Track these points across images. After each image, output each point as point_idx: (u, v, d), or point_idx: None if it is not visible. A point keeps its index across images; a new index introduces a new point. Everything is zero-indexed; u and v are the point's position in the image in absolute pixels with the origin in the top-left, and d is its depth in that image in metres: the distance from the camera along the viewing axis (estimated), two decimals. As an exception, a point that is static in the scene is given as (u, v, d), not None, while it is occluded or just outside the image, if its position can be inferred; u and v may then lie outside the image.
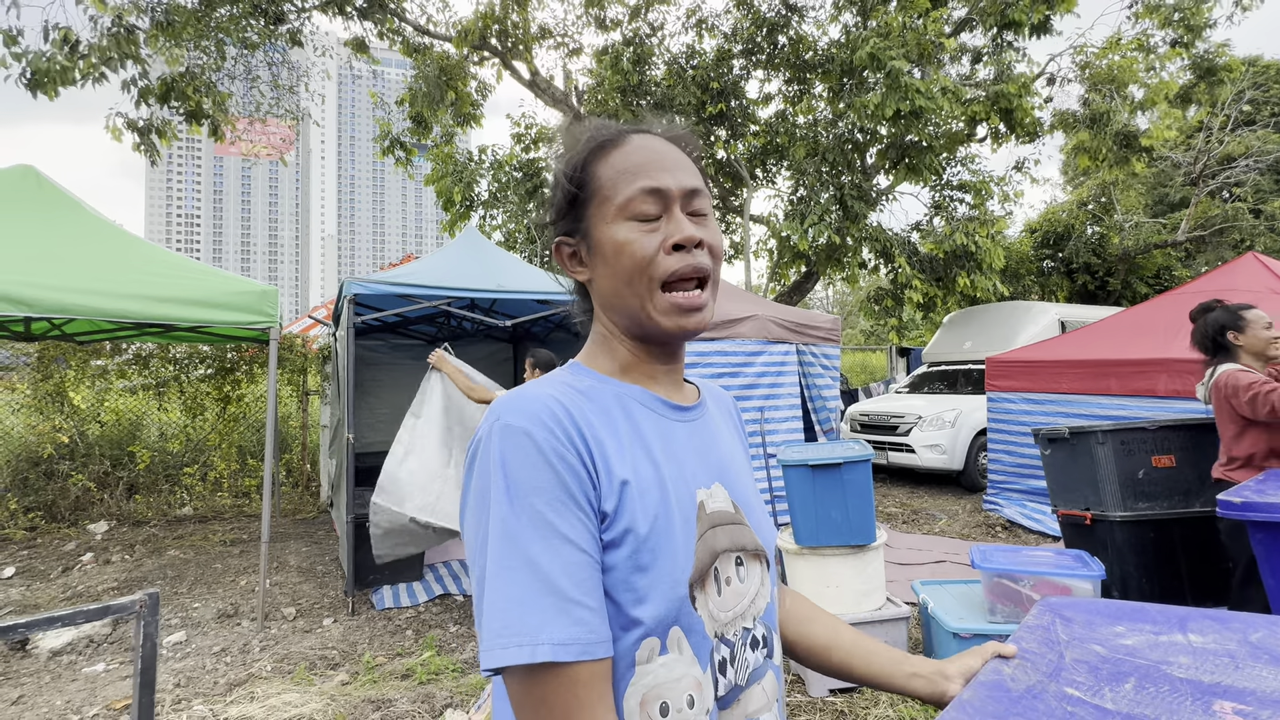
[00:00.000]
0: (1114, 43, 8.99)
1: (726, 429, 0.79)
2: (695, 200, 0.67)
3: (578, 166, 0.68)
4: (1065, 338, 5.89)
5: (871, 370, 17.42)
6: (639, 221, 0.65)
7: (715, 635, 0.63)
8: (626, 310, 0.67)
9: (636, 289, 0.65)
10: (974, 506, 6.30)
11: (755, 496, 0.75)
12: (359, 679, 2.99)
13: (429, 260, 4.93)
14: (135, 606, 0.95)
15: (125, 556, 4.99)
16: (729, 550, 0.66)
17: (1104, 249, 14.33)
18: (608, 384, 0.67)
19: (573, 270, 0.72)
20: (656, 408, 0.68)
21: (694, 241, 0.65)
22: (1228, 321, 2.64)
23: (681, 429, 0.69)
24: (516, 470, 0.56)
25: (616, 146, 0.68)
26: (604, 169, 0.67)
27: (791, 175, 9.82)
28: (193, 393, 6.83)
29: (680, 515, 0.62)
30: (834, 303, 29.82)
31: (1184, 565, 3.00)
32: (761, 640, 0.69)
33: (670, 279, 0.64)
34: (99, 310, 3.25)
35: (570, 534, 0.55)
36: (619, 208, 0.65)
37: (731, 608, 0.65)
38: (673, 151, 0.69)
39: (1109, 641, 0.78)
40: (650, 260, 0.64)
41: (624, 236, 0.65)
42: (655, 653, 0.59)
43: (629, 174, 0.66)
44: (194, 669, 3.13)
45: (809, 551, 2.90)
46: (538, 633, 0.52)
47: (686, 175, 0.67)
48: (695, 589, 0.61)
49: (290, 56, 9.38)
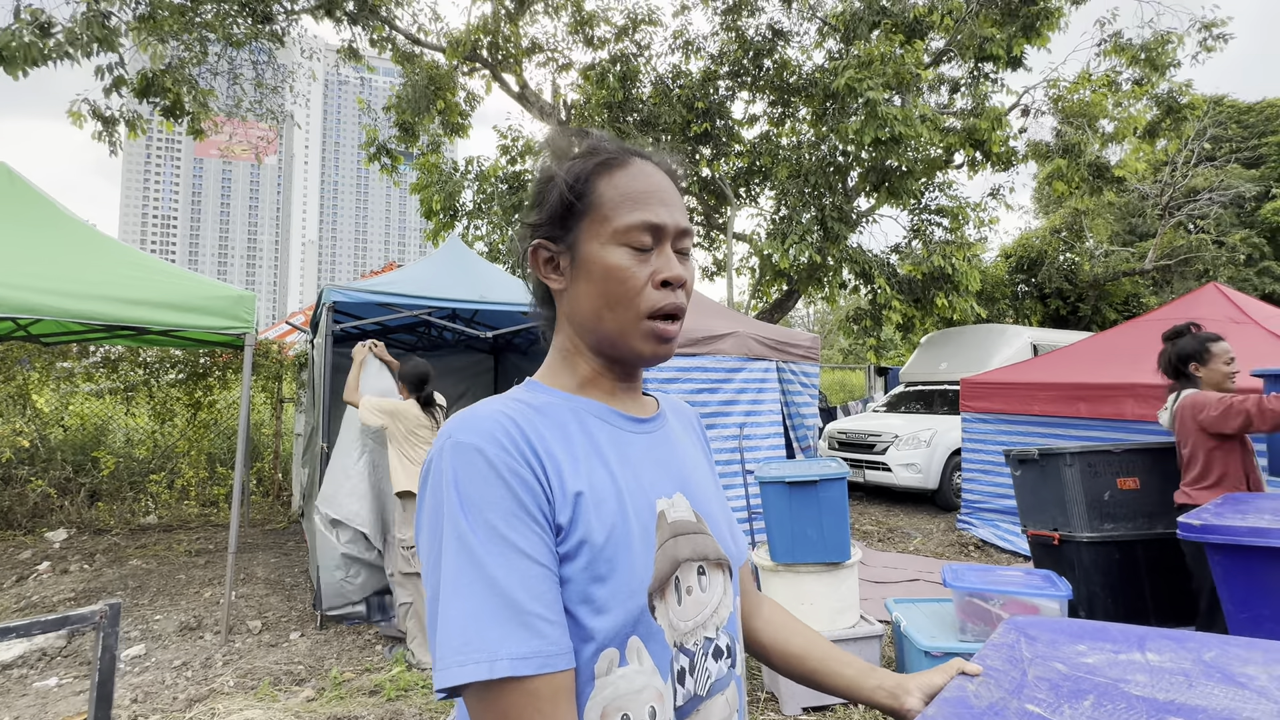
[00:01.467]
0: (1085, 78, 9.34)
1: (689, 441, 0.79)
2: (683, 240, 0.69)
3: (581, 177, 0.68)
4: (1037, 361, 6.03)
5: (850, 389, 17.62)
6: (633, 250, 0.66)
7: (675, 645, 0.63)
8: (601, 331, 0.67)
9: (618, 314, 0.66)
10: (948, 525, 6.38)
11: (720, 507, 0.76)
12: (325, 695, 2.92)
13: (412, 269, 4.90)
14: (95, 617, 0.92)
15: (84, 566, 4.82)
16: (691, 559, 0.66)
17: (1075, 275, 14.75)
18: (565, 399, 0.68)
19: (547, 276, 0.71)
20: (614, 421, 0.68)
21: (680, 282, 0.67)
22: (1193, 353, 2.74)
23: (640, 440, 0.70)
24: (469, 487, 0.56)
25: (621, 168, 0.68)
26: (607, 188, 0.67)
27: (774, 195, 9.98)
28: (162, 398, 6.66)
29: (639, 525, 0.62)
30: (815, 321, 30.18)
31: (1148, 585, 3.06)
32: (725, 650, 0.69)
33: (654, 313, 0.66)
34: (68, 311, 3.17)
35: (526, 548, 0.55)
36: (616, 232, 0.66)
37: (693, 617, 0.65)
38: (670, 186, 0.70)
39: (1071, 660, 0.80)
40: (639, 291, 0.65)
41: (616, 261, 0.65)
42: (615, 664, 0.58)
43: (632, 201, 0.66)
44: (153, 683, 3.03)
45: (785, 569, 2.91)
46: (496, 647, 0.52)
47: (681, 214, 0.69)
48: (655, 598, 0.61)
49: (276, 57, 9.32)
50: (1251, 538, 1.83)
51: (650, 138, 9.66)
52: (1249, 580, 1.86)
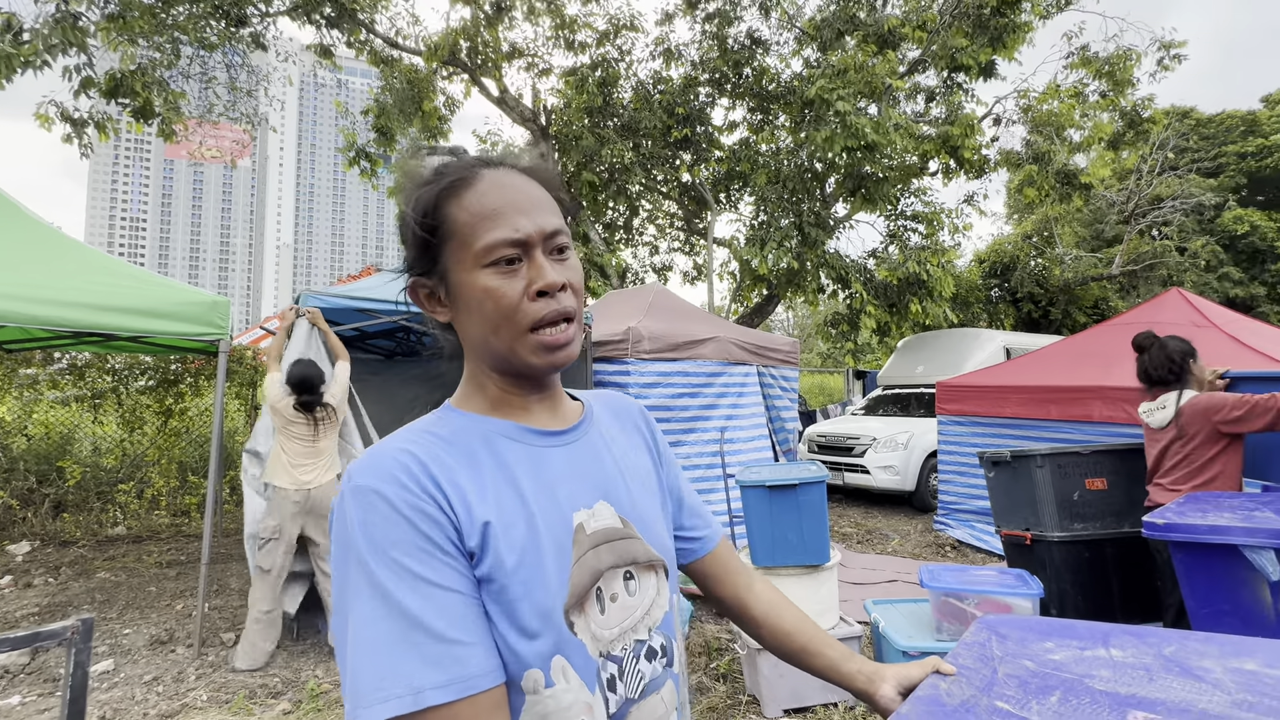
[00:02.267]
0: (1054, 90, 9.61)
1: (624, 439, 0.78)
2: (556, 239, 0.66)
3: (429, 209, 0.65)
4: (1010, 364, 6.17)
5: (829, 392, 17.82)
6: (500, 268, 0.63)
7: (600, 654, 0.63)
8: (494, 353, 0.66)
9: (502, 335, 0.64)
10: (925, 526, 6.48)
11: (653, 507, 0.75)
12: (302, 708, 2.87)
13: (389, 274, 4.86)
14: (66, 633, 0.90)
15: (49, 579, 4.68)
16: (615, 566, 0.66)
17: (1046, 280, 15.13)
18: (476, 422, 0.67)
19: (432, 310, 0.70)
20: (526, 439, 0.68)
21: (557, 287, 0.64)
22: (1189, 349, 2.80)
23: (556, 454, 0.68)
24: (372, 529, 0.56)
25: (468, 186, 0.65)
26: (457, 211, 0.64)
27: (754, 201, 10.09)
28: (132, 405, 6.50)
29: (552, 544, 0.62)
30: (794, 325, 30.48)
31: (1115, 582, 3.15)
32: (660, 650, 0.69)
33: (537, 324, 0.64)
34: (33, 318, 3.08)
35: (435, 578, 0.55)
36: (477, 255, 0.63)
37: (618, 624, 0.65)
38: (529, 187, 0.67)
39: (1039, 657, 0.83)
40: (515, 307, 0.63)
41: (485, 284, 0.63)
42: (540, 684, 0.59)
43: (485, 219, 0.63)
44: (122, 699, 2.95)
45: (765, 571, 2.93)
46: (417, 679, 0.52)
47: (545, 215, 0.66)
48: (572, 614, 0.61)
49: (250, 60, 9.17)
50: (1211, 535, 1.91)
51: (630, 143, 9.70)
52: (1209, 577, 1.93)
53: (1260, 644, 0.81)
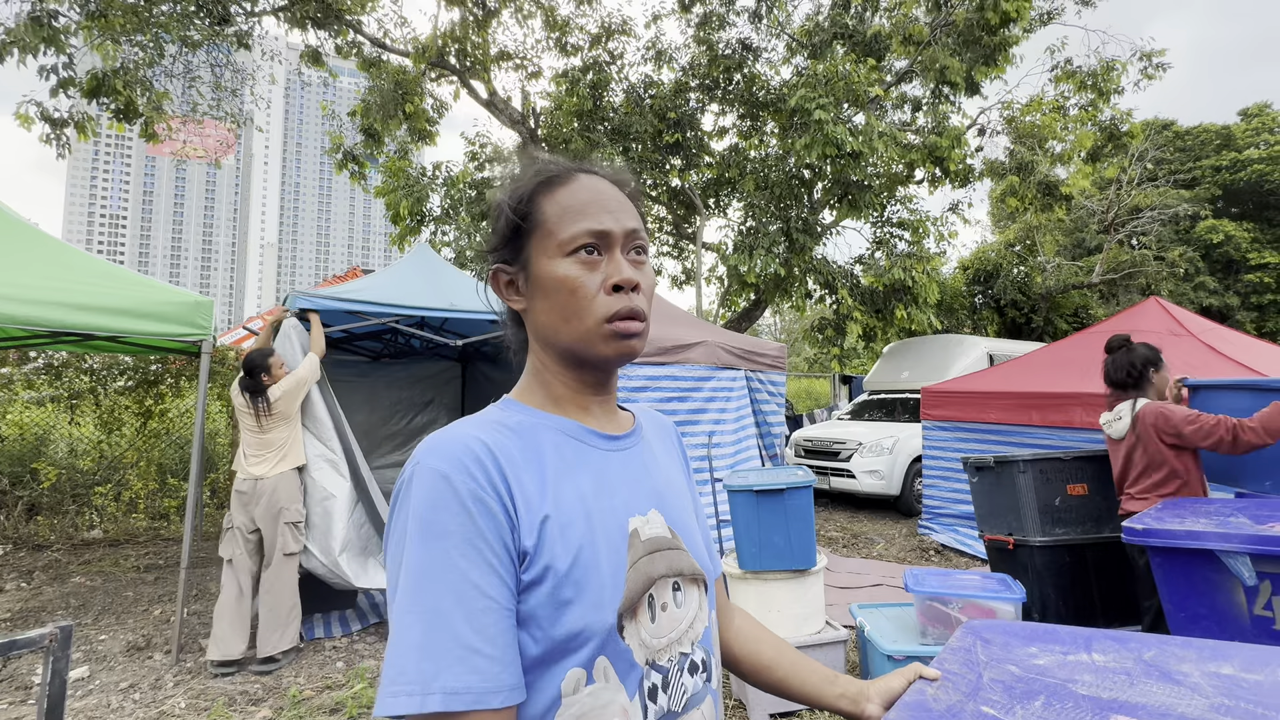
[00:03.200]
0: (1036, 102, 9.78)
1: (665, 455, 0.80)
2: (634, 240, 0.70)
3: (523, 198, 0.70)
4: (993, 370, 6.26)
5: (816, 396, 17.93)
6: (581, 260, 0.67)
7: (646, 662, 0.63)
8: (564, 342, 0.68)
9: (575, 325, 0.66)
10: (910, 531, 6.54)
11: (695, 522, 0.77)
12: (284, 714, 2.82)
13: (380, 276, 4.82)
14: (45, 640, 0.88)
15: (21, 584, 4.57)
16: (666, 576, 0.67)
17: (1029, 287, 15.38)
18: (539, 418, 0.68)
19: (509, 298, 0.73)
20: (588, 439, 0.69)
21: (632, 285, 0.67)
22: (1153, 358, 2.84)
23: (614, 458, 0.70)
24: (431, 514, 0.57)
25: (563, 183, 0.70)
26: (549, 204, 0.69)
27: (742, 207, 10.15)
28: (110, 406, 6.37)
29: (608, 545, 0.63)
30: (781, 330, 30.65)
31: (1095, 587, 3.20)
32: (701, 665, 0.70)
33: (610, 317, 0.66)
34: (8, 316, 3.01)
35: (479, 581, 0.56)
36: (562, 244, 0.67)
37: (667, 633, 0.66)
38: (615, 192, 0.71)
39: (1023, 662, 0.84)
40: (591, 298, 0.66)
41: (565, 273, 0.66)
42: (582, 683, 0.59)
43: (574, 212, 0.67)
44: (97, 707, 2.88)
45: (752, 576, 2.94)
46: (430, 681, 0.52)
47: (628, 217, 0.69)
48: (625, 618, 0.62)
49: (235, 59, 9.07)
50: (1188, 540, 1.94)
51: (621, 147, 9.72)
52: (1186, 581, 1.96)
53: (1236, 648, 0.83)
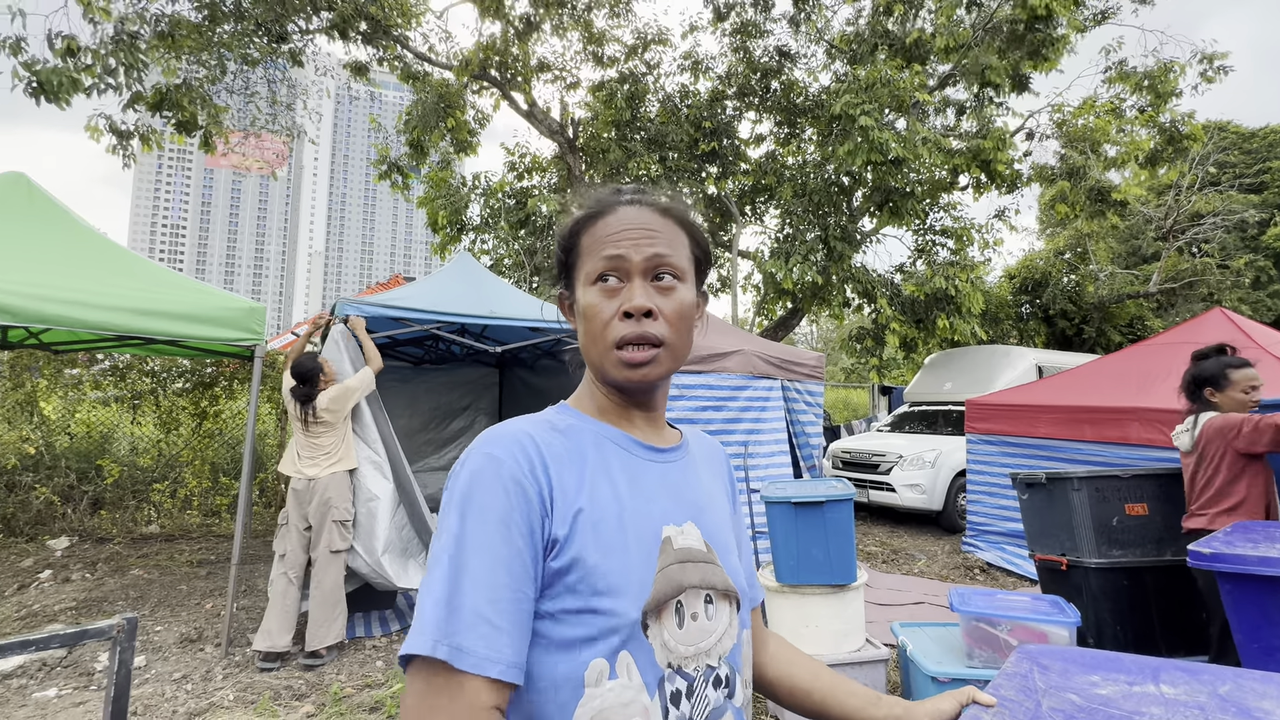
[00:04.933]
0: (1089, 104, 9.43)
1: (710, 477, 0.82)
2: (659, 266, 0.72)
3: (568, 233, 0.77)
4: (1043, 383, 6.02)
5: (854, 407, 17.57)
6: (603, 287, 0.71)
7: (669, 665, 0.64)
8: (592, 362, 0.74)
9: (596, 347, 0.72)
10: (953, 547, 6.33)
11: (734, 545, 0.79)
12: (325, 711, 2.90)
13: (423, 283, 4.94)
14: (112, 631, 0.92)
15: (86, 575, 4.81)
16: (697, 587, 0.68)
17: (1080, 297, 14.77)
18: (587, 422, 0.73)
19: (569, 319, 0.80)
20: (630, 448, 0.73)
21: (642, 311, 0.69)
22: (1210, 377, 2.72)
23: (655, 468, 0.73)
24: (474, 491, 0.62)
25: (603, 216, 0.75)
26: (586, 237, 0.75)
27: (779, 214, 10.06)
28: (168, 406, 6.69)
29: (639, 546, 0.66)
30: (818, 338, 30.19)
31: (1156, 613, 3.03)
32: (724, 680, 0.70)
33: (620, 343, 0.70)
34: (81, 321, 3.20)
35: (505, 559, 0.60)
36: (588, 273, 0.73)
37: (694, 642, 0.67)
38: (652, 220, 0.74)
39: (1085, 691, 0.80)
40: (605, 324, 0.71)
41: (589, 300, 0.72)
42: (604, 676, 0.61)
43: (600, 242, 0.73)
44: (152, 696, 3.01)
45: (789, 589, 2.89)
46: (446, 635, 0.57)
47: (653, 244, 0.72)
48: (650, 617, 0.64)
49: (289, 74, 9.48)
50: (1262, 567, 1.83)
51: (657, 156, 9.76)
52: (1260, 610, 1.84)
53: (1325, 687, 0.77)
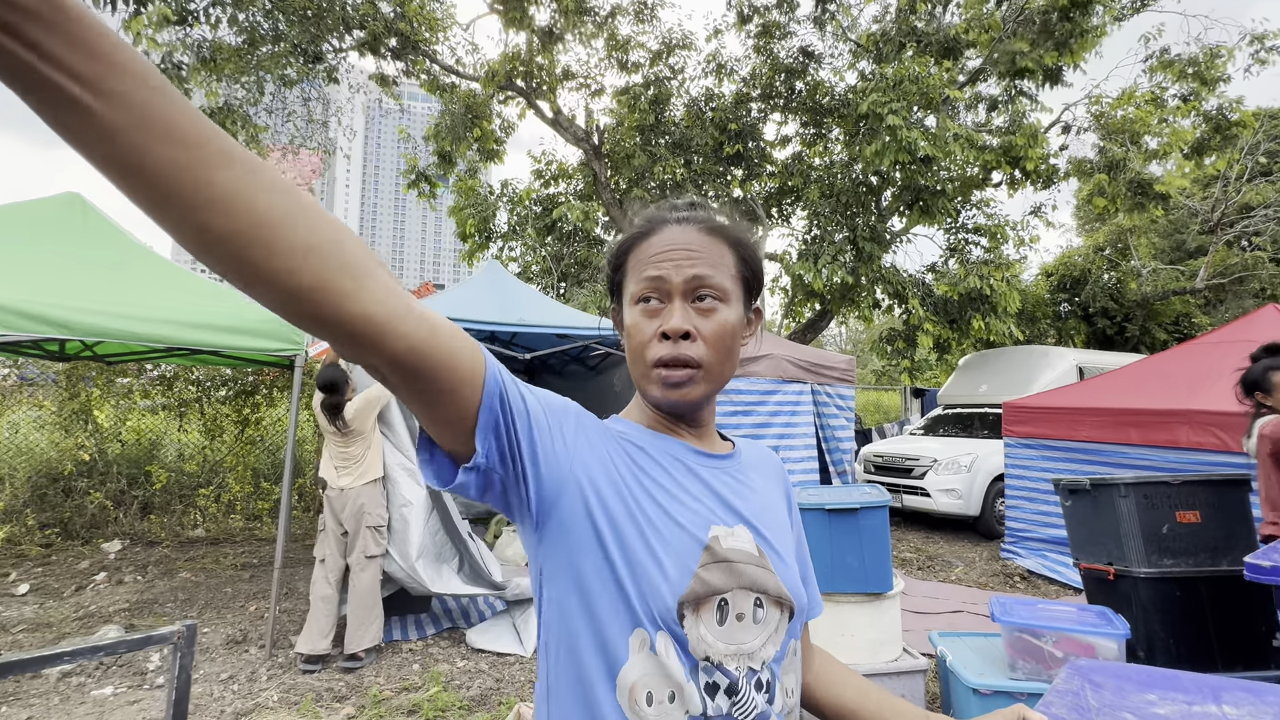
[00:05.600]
0: (1129, 95, 9.13)
1: (766, 485, 0.83)
2: (700, 288, 0.73)
3: (615, 253, 0.80)
4: (1085, 384, 5.84)
5: (885, 410, 17.25)
6: (644, 308, 0.74)
7: (705, 659, 0.65)
8: (635, 380, 0.77)
9: (637, 366, 0.75)
10: (991, 554, 6.17)
11: (790, 552, 0.79)
12: (365, 713, 2.96)
13: (452, 292, 5.03)
14: (173, 638, 0.97)
15: (138, 577, 5.01)
16: (746, 589, 0.68)
17: (1121, 294, 14.25)
18: (641, 431, 0.76)
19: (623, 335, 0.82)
20: (681, 453, 0.75)
21: (679, 333, 0.71)
22: (1255, 382, 2.63)
23: (706, 472, 0.75)
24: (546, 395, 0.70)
25: (648, 237, 0.76)
26: (632, 259, 0.77)
27: (806, 216, 9.96)
28: (212, 414, 6.93)
29: (682, 539, 0.68)
30: (847, 341, 29.76)
31: (1212, 625, 2.91)
32: (765, 685, 0.70)
33: (656, 364, 0.72)
34: (133, 334, 3.34)
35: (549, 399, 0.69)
36: (631, 294, 0.76)
37: (734, 642, 0.67)
38: (697, 240, 0.74)
39: (1141, 710, 0.78)
40: (645, 344, 0.73)
41: (631, 320, 0.75)
42: (646, 645, 0.65)
43: (643, 264, 0.75)
44: (201, 695, 3.11)
45: (824, 598, 2.85)
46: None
47: (695, 264, 0.73)
48: (687, 609, 0.65)
49: (324, 92, 9.77)
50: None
51: (682, 160, 9.77)
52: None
53: (1404, 711, 0.74)
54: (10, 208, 3.87)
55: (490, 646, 3.72)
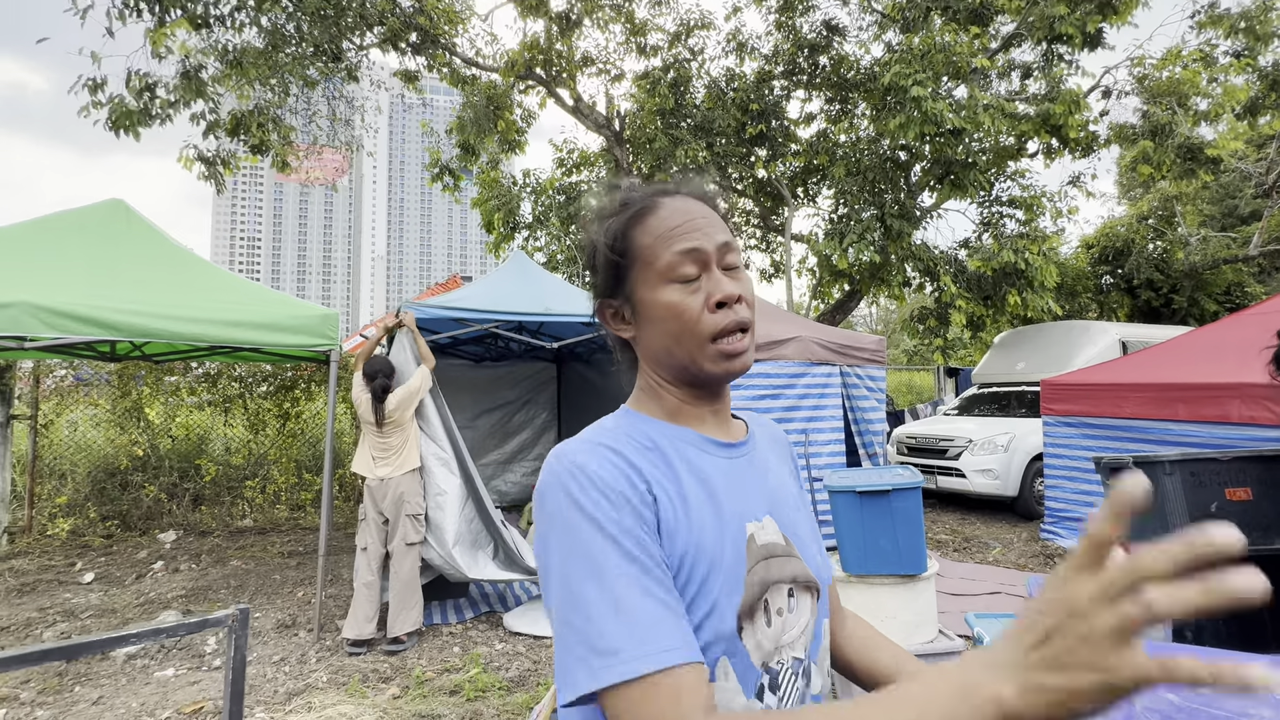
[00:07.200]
0: (1174, 54, 8.67)
1: (776, 462, 0.81)
2: (728, 255, 0.71)
3: (618, 235, 0.73)
4: (1128, 359, 5.64)
5: (918, 390, 16.93)
6: (681, 283, 0.69)
7: (761, 665, 0.65)
8: (676, 364, 0.71)
9: (686, 345, 0.69)
10: (1030, 535, 6.04)
11: (807, 529, 0.77)
12: (409, 693, 3.07)
13: (479, 284, 5.10)
14: (228, 621, 1.03)
15: (192, 565, 5.26)
16: (781, 582, 0.68)
17: (1168, 265, 13.64)
18: (657, 427, 0.72)
19: (617, 329, 0.77)
20: (705, 447, 0.72)
21: (734, 298, 0.69)
22: None
23: (730, 465, 0.72)
24: (591, 504, 0.60)
25: (652, 212, 0.72)
26: (642, 235, 0.71)
27: (833, 194, 9.77)
28: (255, 409, 7.18)
29: (731, 549, 0.65)
30: (877, 320, 29.21)
31: (1265, 607, 2.81)
32: (807, 671, 0.71)
33: (718, 335, 0.68)
34: (178, 334, 3.48)
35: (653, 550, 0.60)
36: (661, 272, 0.70)
37: (780, 637, 0.67)
38: (702, 209, 0.73)
39: (1184, 691, 0.76)
40: (696, 319, 0.68)
41: (669, 299, 0.69)
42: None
43: (667, 239, 0.70)
44: (255, 677, 3.27)
45: (858, 580, 2.84)
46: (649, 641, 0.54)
47: (718, 231, 0.71)
48: (744, 620, 0.63)
49: (347, 91, 9.91)
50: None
51: (704, 143, 9.65)
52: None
53: None
54: (58, 216, 4.04)
55: (527, 630, 3.81)
